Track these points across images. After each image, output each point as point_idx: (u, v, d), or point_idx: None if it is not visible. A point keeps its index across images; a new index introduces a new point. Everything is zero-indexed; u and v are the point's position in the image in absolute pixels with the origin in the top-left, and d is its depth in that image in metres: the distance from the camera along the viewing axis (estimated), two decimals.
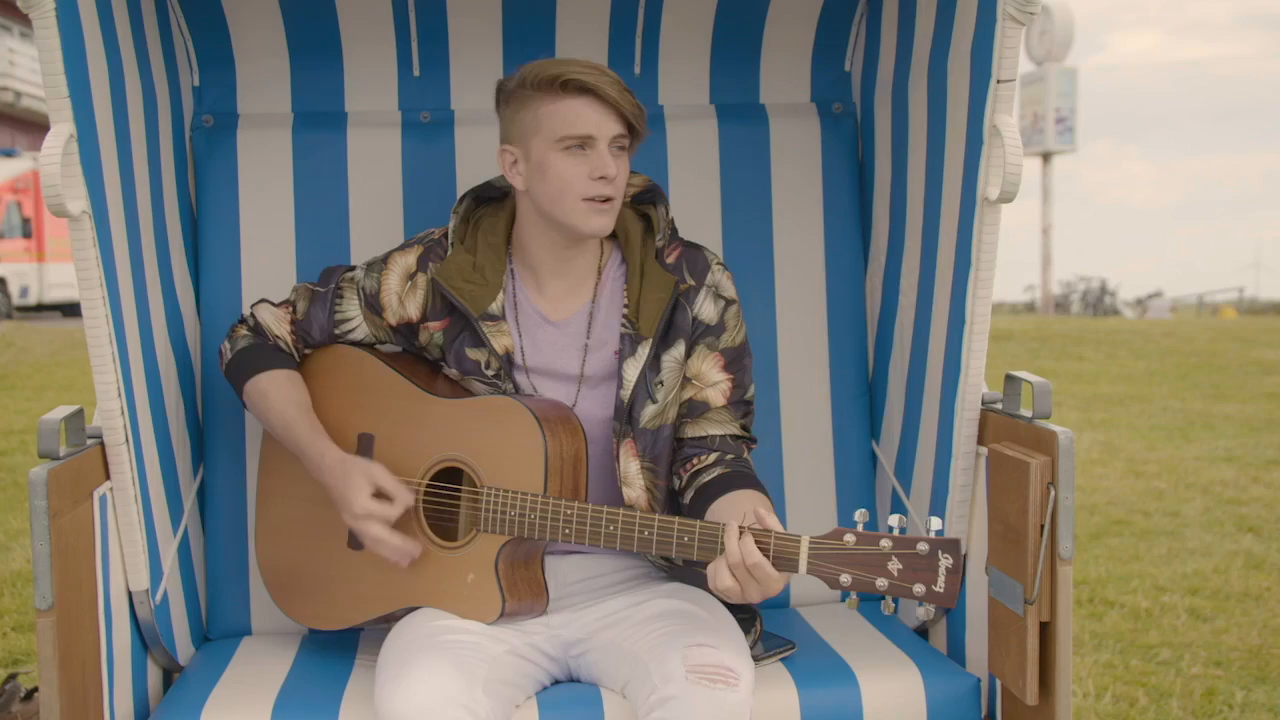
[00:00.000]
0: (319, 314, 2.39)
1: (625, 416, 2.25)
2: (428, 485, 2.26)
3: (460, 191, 2.76)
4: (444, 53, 2.78)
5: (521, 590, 2.20)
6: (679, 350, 2.28)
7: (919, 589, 1.90)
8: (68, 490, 1.96)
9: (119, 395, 2.05)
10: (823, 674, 2.26)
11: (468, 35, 2.75)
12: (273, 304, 2.44)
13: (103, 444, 2.08)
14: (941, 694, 2.23)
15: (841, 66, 2.88)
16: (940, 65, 2.35)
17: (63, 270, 20.63)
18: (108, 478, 2.09)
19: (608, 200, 2.21)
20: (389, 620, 2.33)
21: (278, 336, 2.40)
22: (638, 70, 2.81)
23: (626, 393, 2.24)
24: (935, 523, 1.92)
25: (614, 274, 2.34)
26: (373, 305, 2.36)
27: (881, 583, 1.91)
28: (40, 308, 20.91)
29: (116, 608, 2.13)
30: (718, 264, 2.33)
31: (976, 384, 2.27)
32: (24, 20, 7.76)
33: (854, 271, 2.85)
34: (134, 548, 2.14)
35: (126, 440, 2.07)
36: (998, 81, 2.08)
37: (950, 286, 2.32)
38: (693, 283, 2.29)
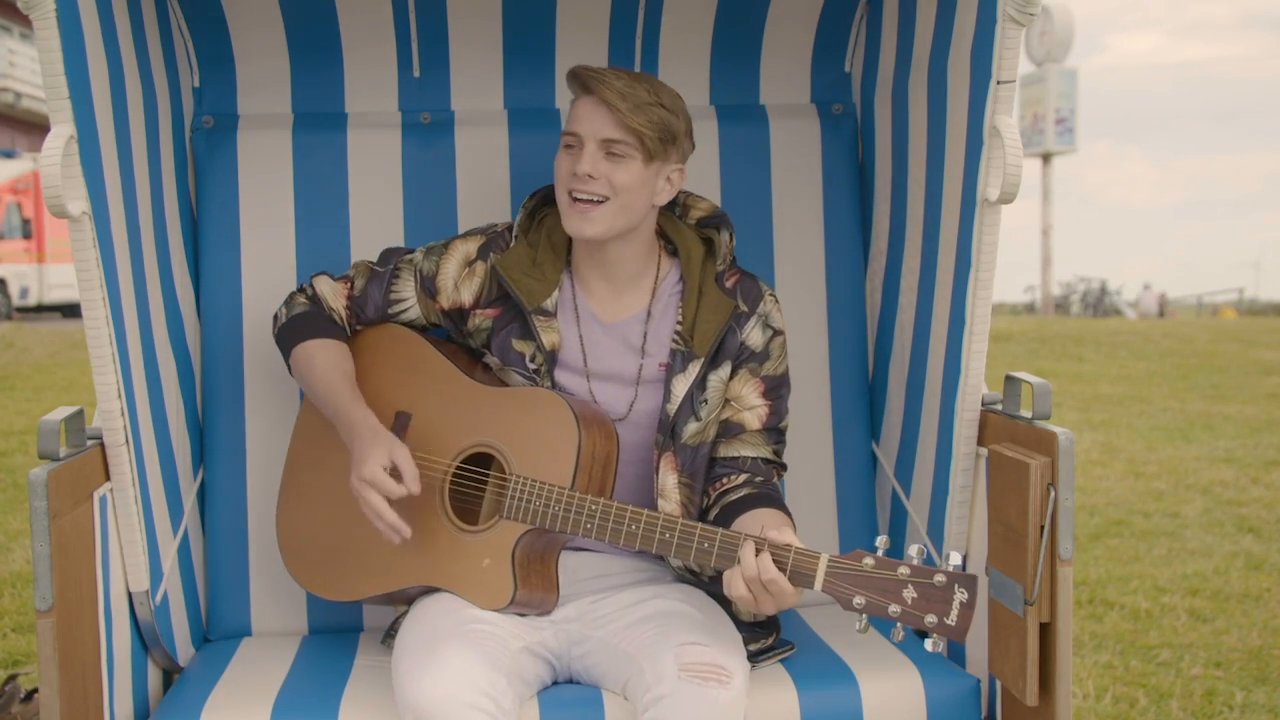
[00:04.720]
0: (375, 293, 2.43)
1: (669, 430, 2.28)
2: (456, 468, 2.28)
3: (460, 193, 2.76)
4: (444, 54, 2.78)
5: (534, 582, 2.22)
6: (724, 372, 2.32)
7: (931, 619, 1.92)
8: (68, 491, 1.96)
9: (119, 396, 2.05)
10: (822, 675, 2.26)
11: (468, 36, 2.75)
12: (332, 277, 2.48)
13: (103, 444, 2.08)
14: (941, 695, 2.24)
15: (841, 67, 2.88)
16: (940, 66, 2.35)
17: (63, 271, 20.61)
18: (108, 478, 2.09)
19: (588, 202, 2.22)
20: (393, 600, 2.35)
21: (333, 309, 2.44)
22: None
23: (673, 407, 2.28)
24: (955, 557, 1.94)
25: (670, 289, 2.37)
26: (428, 288, 2.40)
27: (894, 609, 1.93)
28: (40, 308, 20.89)
29: (116, 608, 2.13)
30: (770, 295, 2.37)
31: (976, 385, 2.27)
32: (24, 21, 7.77)
33: (854, 271, 2.85)
34: (134, 548, 2.14)
35: (126, 441, 2.07)
36: (998, 82, 2.09)
37: (950, 287, 2.32)
38: (745, 309, 2.34)
